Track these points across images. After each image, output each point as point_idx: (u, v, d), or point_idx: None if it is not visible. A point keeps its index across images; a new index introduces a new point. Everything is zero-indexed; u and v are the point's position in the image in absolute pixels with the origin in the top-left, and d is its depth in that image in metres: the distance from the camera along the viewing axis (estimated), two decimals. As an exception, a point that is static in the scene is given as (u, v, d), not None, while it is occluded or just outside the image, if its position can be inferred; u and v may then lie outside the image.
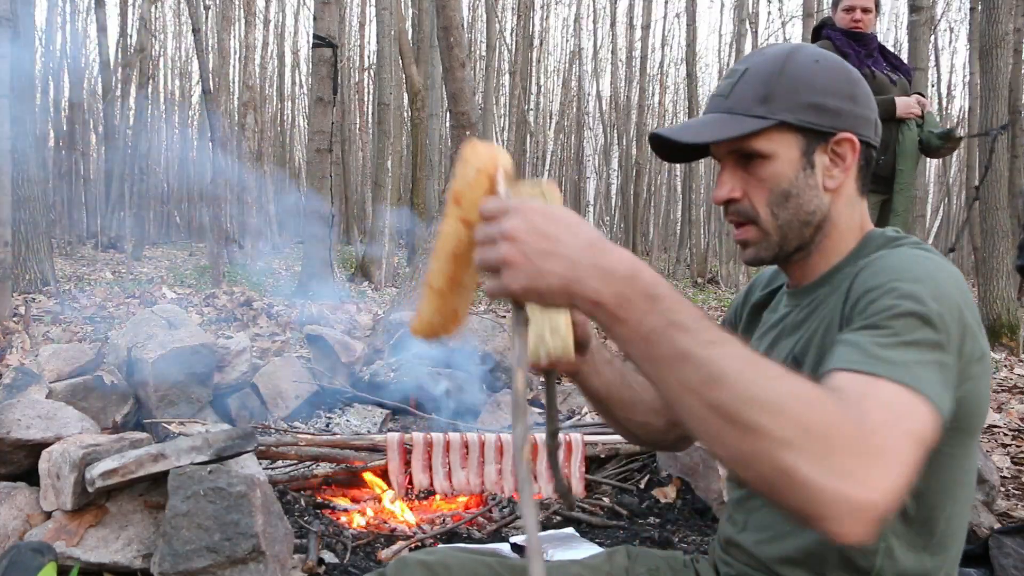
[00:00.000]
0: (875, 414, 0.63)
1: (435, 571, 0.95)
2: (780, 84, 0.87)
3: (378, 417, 3.11)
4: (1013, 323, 6.05)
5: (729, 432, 0.60)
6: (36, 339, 3.78)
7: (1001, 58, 6.03)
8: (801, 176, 0.89)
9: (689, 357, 0.61)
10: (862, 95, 0.90)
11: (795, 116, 0.87)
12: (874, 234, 0.93)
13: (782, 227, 0.90)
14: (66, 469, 1.84)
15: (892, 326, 0.73)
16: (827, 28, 3.28)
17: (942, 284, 0.77)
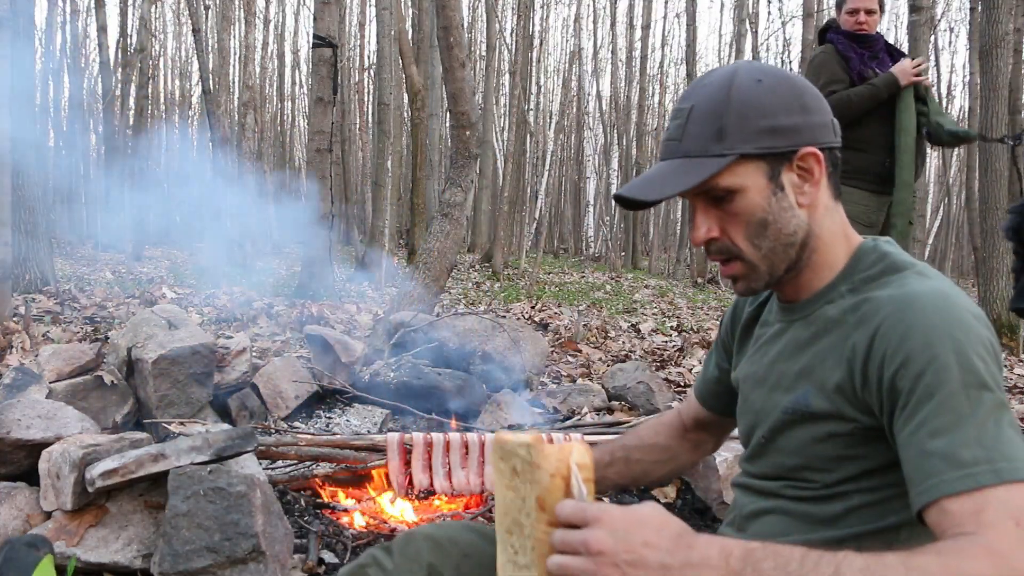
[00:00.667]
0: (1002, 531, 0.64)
1: (442, 545, 0.94)
2: (729, 116, 0.85)
3: (378, 417, 3.11)
4: (1013, 323, 6.05)
5: None
6: (36, 339, 3.78)
7: (1001, 58, 6.03)
8: (773, 201, 0.87)
9: None
10: (812, 101, 0.88)
11: (753, 145, 0.85)
12: (867, 249, 0.91)
13: (766, 256, 0.89)
14: (66, 469, 1.84)
15: (962, 408, 0.73)
16: (831, 31, 3.28)
17: (973, 331, 0.77)
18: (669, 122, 0.92)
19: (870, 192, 3.17)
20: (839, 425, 0.85)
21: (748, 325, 1.06)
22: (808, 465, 0.89)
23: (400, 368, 3.32)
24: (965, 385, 0.74)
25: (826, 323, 0.89)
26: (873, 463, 0.85)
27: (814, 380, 0.88)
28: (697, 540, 0.66)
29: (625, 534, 0.65)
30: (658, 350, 5.32)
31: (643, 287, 12.36)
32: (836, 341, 0.87)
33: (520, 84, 16.63)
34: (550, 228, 22.78)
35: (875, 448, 0.84)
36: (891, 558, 0.62)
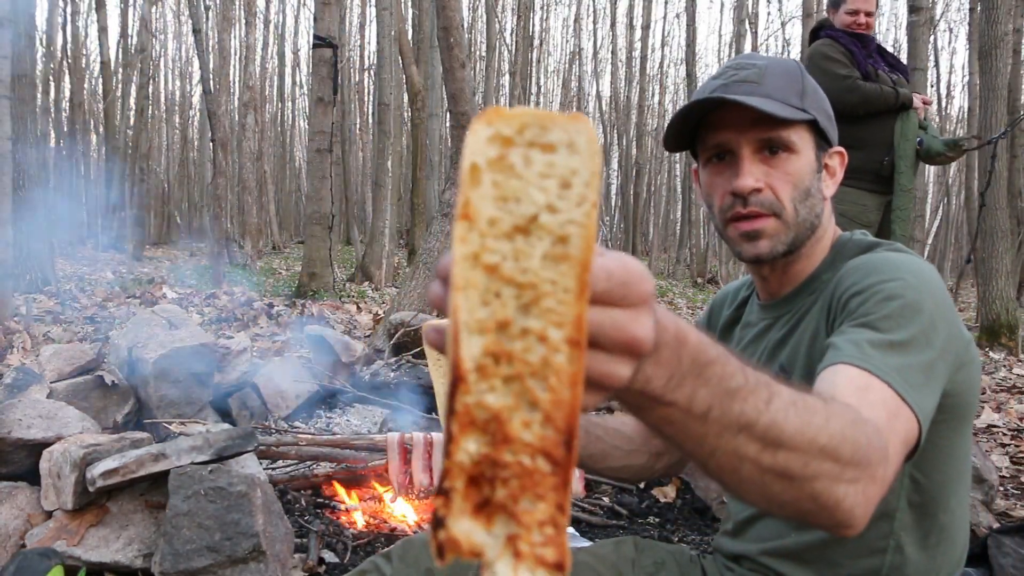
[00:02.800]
0: (875, 411, 0.65)
1: None
2: (808, 86, 0.89)
3: (378, 417, 3.11)
4: (1012, 323, 6.05)
5: (787, 487, 0.55)
6: (37, 339, 3.79)
7: (1000, 59, 6.04)
8: (816, 178, 0.90)
9: (751, 426, 0.52)
10: (833, 114, 0.95)
11: (821, 119, 0.89)
12: (844, 239, 0.94)
13: (800, 223, 0.88)
14: (67, 469, 1.84)
15: (882, 326, 0.74)
16: (827, 29, 3.28)
17: (924, 283, 0.78)
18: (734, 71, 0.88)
19: (867, 191, 3.18)
20: None
21: (727, 327, 1.06)
22: None
23: (400, 368, 3.32)
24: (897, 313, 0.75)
25: (803, 312, 0.91)
26: None
27: (797, 369, 0.89)
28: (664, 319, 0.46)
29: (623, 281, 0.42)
30: (658, 350, 5.31)
31: (643, 287, 12.33)
32: (808, 325, 0.90)
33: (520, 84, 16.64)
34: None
35: None
36: (812, 399, 0.58)
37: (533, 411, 0.34)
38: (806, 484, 0.56)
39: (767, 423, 0.52)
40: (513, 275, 0.35)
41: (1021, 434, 3.32)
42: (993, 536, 1.93)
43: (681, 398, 0.48)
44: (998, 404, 3.84)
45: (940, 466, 0.84)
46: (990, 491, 2.26)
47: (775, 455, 0.53)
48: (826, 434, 0.56)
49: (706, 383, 0.49)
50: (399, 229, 16.38)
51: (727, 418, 0.51)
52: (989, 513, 2.22)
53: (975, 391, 0.85)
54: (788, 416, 0.54)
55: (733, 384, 0.51)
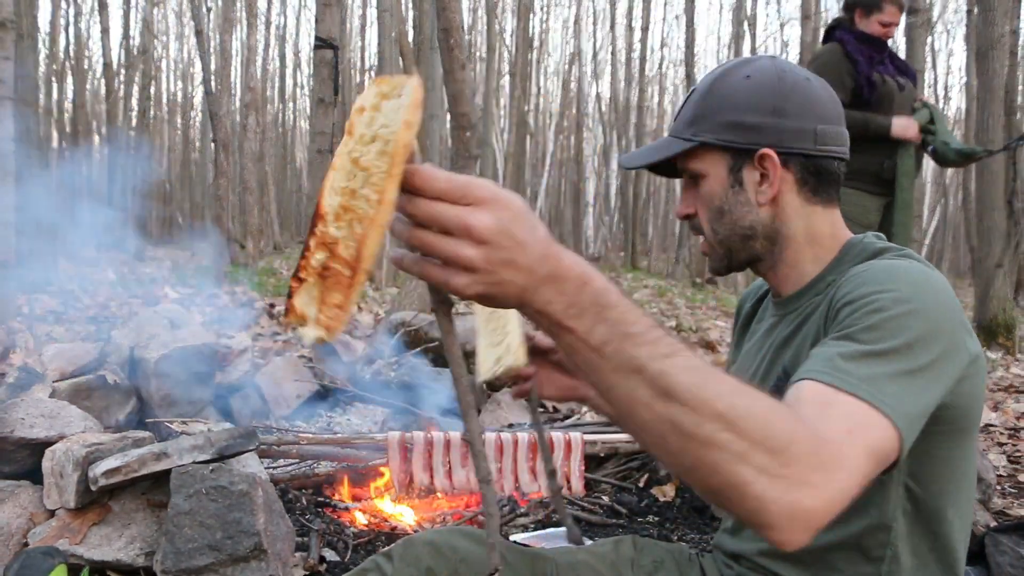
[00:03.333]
0: (832, 424, 0.65)
1: (442, 551, 0.95)
2: (707, 105, 0.91)
3: (379, 416, 3.12)
4: (1009, 323, 6.06)
5: (683, 445, 0.58)
6: (39, 339, 3.80)
7: (997, 60, 6.04)
8: (730, 193, 0.91)
9: (642, 370, 0.58)
10: (793, 108, 0.89)
11: (715, 136, 0.90)
12: (854, 242, 0.93)
13: (723, 242, 0.94)
14: (69, 468, 1.85)
15: (862, 338, 0.73)
16: (841, 30, 3.23)
17: (921, 293, 0.77)
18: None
19: (868, 193, 3.17)
20: None
21: (746, 322, 1.08)
22: None
23: (401, 367, 3.34)
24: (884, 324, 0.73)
25: (812, 313, 0.91)
26: None
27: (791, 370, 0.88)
28: (563, 252, 0.59)
29: (511, 228, 0.55)
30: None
31: (642, 287, 12.37)
32: (810, 328, 0.89)
33: (520, 86, 16.65)
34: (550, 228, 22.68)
35: None
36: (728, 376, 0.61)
37: (351, 240, 0.54)
38: (702, 449, 0.58)
39: (658, 370, 0.58)
40: (363, 164, 0.55)
41: (1018, 433, 3.34)
42: (990, 535, 1.94)
43: (579, 327, 0.58)
44: (995, 403, 3.85)
45: (937, 477, 0.83)
46: (987, 490, 2.27)
47: (667, 405, 0.58)
48: (726, 402, 0.58)
49: (604, 321, 0.58)
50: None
51: (621, 356, 0.58)
52: (986, 512, 2.23)
53: (978, 404, 0.83)
54: (685, 372, 0.58)
55: (631, 329, 0.58)
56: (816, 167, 0.91)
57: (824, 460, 0.60)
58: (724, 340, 5.84)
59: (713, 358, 4.73)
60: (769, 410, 0.60)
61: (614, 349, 0.58)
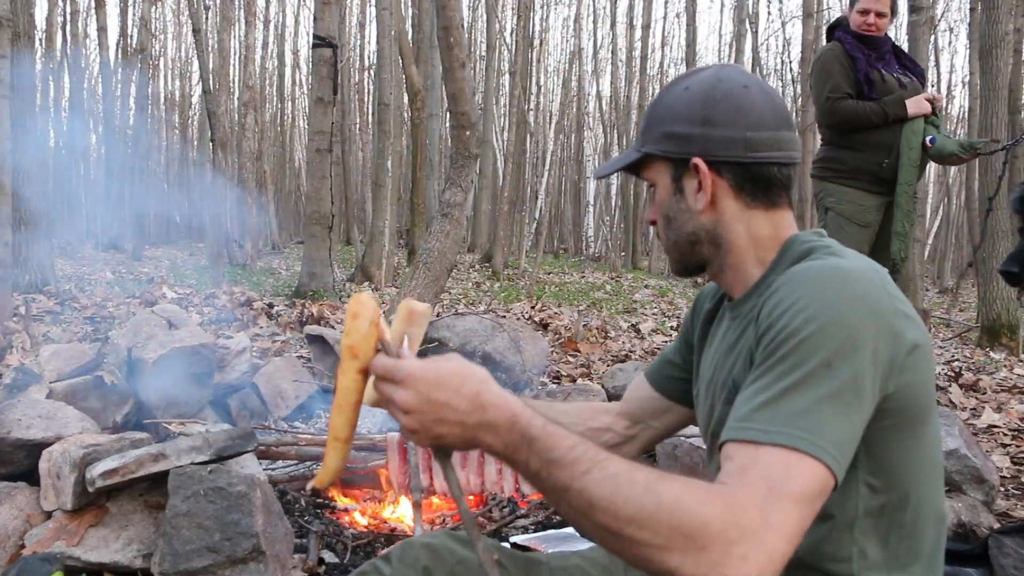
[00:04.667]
0: (751, 489, 0.68)
1: (440, 554, 0.96)
2: (652, 117, 0.96)
3: (378, 417, 3.11)
4: (1013, 323, 6.06)
5: (617, 544, 0.68)
6: (36, 339, 3.78)
7: (1001, 58, 6.04)
8: (673, 201, 0.95)
9: (568, 489, 0.69)
10: (721, 116, 0.90)
11: (656, 147, 0.94)
12: (791, 241, 0.93)
13: (673, 246, 0.98)
14: (66, 469, 1.84)
15: (777, 370, 0.75)
16: (840, 29, 3.23)
17: (835, 300, 0.77)
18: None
19: (866, 192, 3.15)
20: None
21: (706, 321, 1.08)
22: None
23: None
24: (796, 348, 0.75)
25: (748, 320, 0.91)
26: None
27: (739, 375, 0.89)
28: (491, 403, 0.72)
29: (430, 395, 0.72)
30: (658, 350, 5.32)
31: (643, 287, 12.37)
32: (749, 335, 0.89)
33: (520, 84, 16.64)
34: (550, 228, 22.78)
35: None
36: (640, 474, 0.68)
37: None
38: (631, 546, 0.67)
39: (579, 488, 0.68)
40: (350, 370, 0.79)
41: (1022, 434, 3.32)
42: (994, 536, 1.92)
43: (518, 460, 0.71)
44: (999, 404, 3.83)
45: (897, 469, 0.83)
46: (991, 491, 2.26)
47: (592, 516, 0.68)
48: (635, 505, 0.66)
49: (533, 452, 0.70)
50: (399, 229, 16.39)
51: (551, 481, 0.70)
52: (990, 514, 2.22)
53: (926, 390, 0.83)
54: (600, 484, 0.68)
55: (553, 455, 0.70)
56: (751, 174, 0.92)
57: (744, 531, 0.65)
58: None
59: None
60: (678, 499, 0.66)
61: (546, 474, 0.70)
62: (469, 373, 0.74)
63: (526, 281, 11.13)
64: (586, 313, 7.51)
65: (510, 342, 3.62)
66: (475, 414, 0.72)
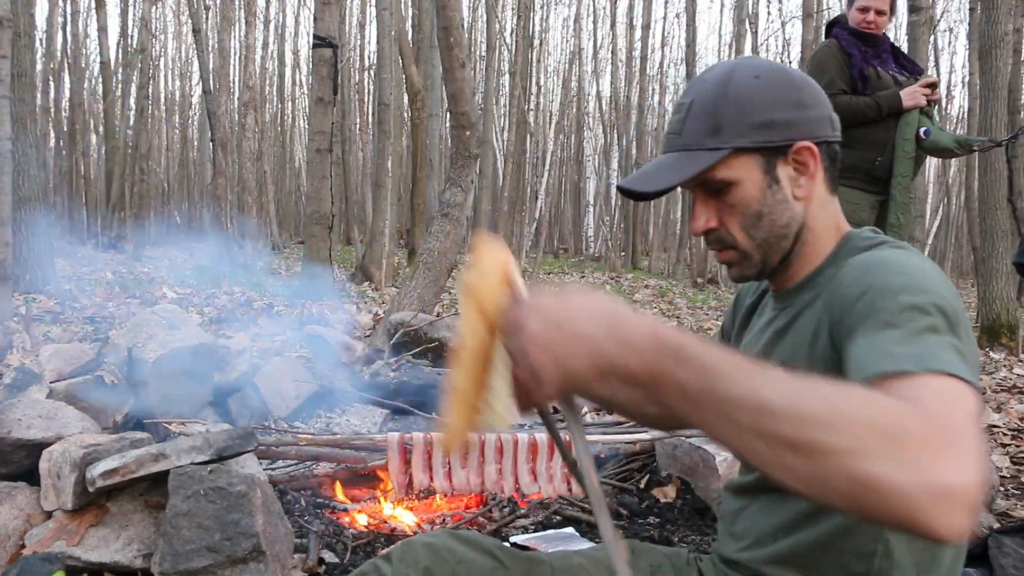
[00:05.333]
0: (934, 405, 0.62)
1: (440, 554, 0.96)
2: (726, 110, 0.88)
3: (378, 417, 3.11)
4: (1012, 323, 6.06)
5: (797, 459, 0.57)
6: (36, 339, 3.79)
7: (1000, 58, 6.04)
8: (768, 194, 0.90)
9: (734, 399, 0.59)
10: (809, 97, 0.90)
11: (747, 139, 0.88)
12: (852, 235, 0.94)
13: (760, 246, 0.92)
14: (67, 469, 1.84)
15: (898, 322, 0.72)
16: (838, 26, 3.25)
17: (928, 277, 0.78)
18: (671, 116, 0.95)
19: (860, 190, 3.16)
20: None
21: (747, 315, 1.08)
22: None
23: (400, 368, 3.32)
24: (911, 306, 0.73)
25: (807, 309, 0.91)
26: None
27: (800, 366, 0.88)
28: (629, 318, 0.64)
29: (559, 319, 0.64)
30: (658, 350, 5.31)
31: (643, 287, 12.37)
32: (808, 321, 0.89)
33: (520, 84, 16.64)
34: (550, 228, 22.77)
35: None
36: (819, 379, 0.60)
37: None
38: (820, 459, 0.56)
39: (749, 394, 0.59)
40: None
41: (1021, 434, 3.32)
42: (993, 536, 1.93)
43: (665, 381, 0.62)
44: (998, 404, 3.84)
45: None
46: (990, 491, 2.26)
47: (770, 428, 0.58)
48: (827, 408, 0.57)
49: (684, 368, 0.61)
50: (399, 229, 16.38)
51: (713, 396, 0.60)
52: (989, 513, 2.22)
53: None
54: (777, 388, 0.59)
55: (710, 367, 0.60)
56: (834, 153, 0.93)
57: (941, 440, 0.57)
58: (724, 340, 5.83)
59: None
60: (870, 402, 0.58)
61: (704, 391, 0.60)
62: (596, 296, 0.66)
63: (526, 281, 11.10)
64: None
65: (510, 342, 3.62)
66: (610, 333, 0.63)
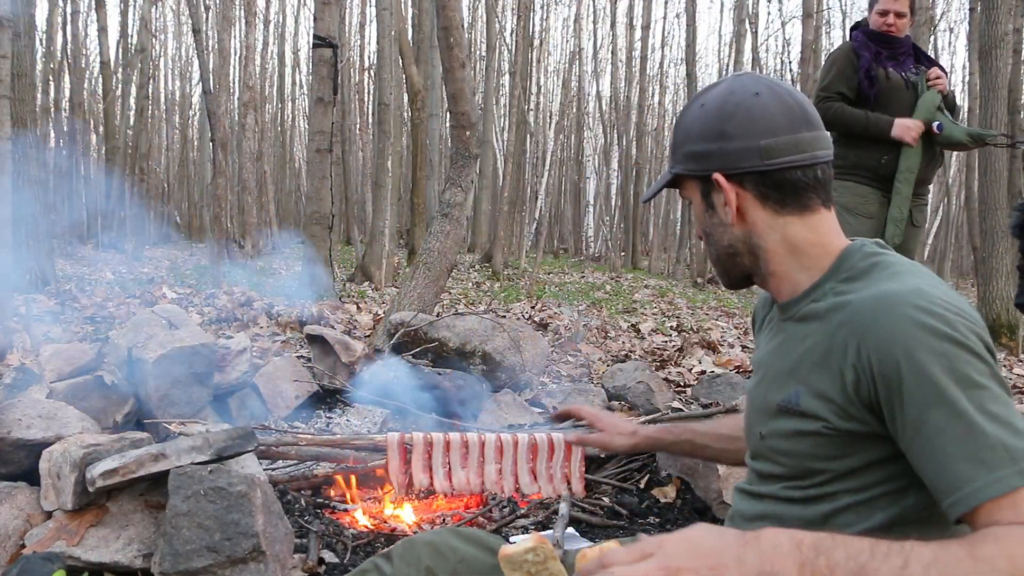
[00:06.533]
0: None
1: (442, 552, 0.96)
2: (676, 137, 0.98)
3: (378, 417, 3.11)
4: (1012, 323, 6.06)
5: None
6: (36, 339, 3.78)
7: (1000, 58, 6.04)
8: (707, 216, 0.97)
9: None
10: (735, 129, 0.91)
11: (683, 167, 0.96)
12: (851, 251, 0.93)
13: (717, 260, 0.99)
14: (67, 469, 1.84)
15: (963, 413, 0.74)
16: (859, 29, 3.26)
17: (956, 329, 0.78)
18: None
19: (867, 186, 3.16)
20: (826, 427, 0.86)
21: (761, 327, 1.10)
22: (798, 465, 0.90)
23: (400, 368, 3.32)
24: (961, 387, 0.75)
25: (811, 321, 0.91)
26: (859, 461, 0.85)
27: (803, 380, 0.89)
28: (761, 533, 0.69)
29: (696, 546, 0.67)
30: (658, 350, 5.32)
31: (643, 287, 12.37)
32: (821, 340, 0.89)
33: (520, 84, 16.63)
34: (550, 228, 22.77)
35: (862, 447, 0.85)
36: (956, 548, 0.66)
37: None
38: None
39: None
40: None
41: (1021, 434, 3.32)
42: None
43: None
44: (998, 404, 3.83)
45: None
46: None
47: None
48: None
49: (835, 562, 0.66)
50: (399, 229, 16.37)
51: None
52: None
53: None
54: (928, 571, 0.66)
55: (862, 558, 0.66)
56: (772, 181, 0.92)
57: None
58: (725, 340, 5.83)
59: (715, 358, 4.72)
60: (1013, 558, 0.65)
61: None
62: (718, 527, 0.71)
63: (526, 281, 11.12)
64: (586, 313, 7.51)
65: (510, 342, 3.62)
66: (751, 548, 0.67)
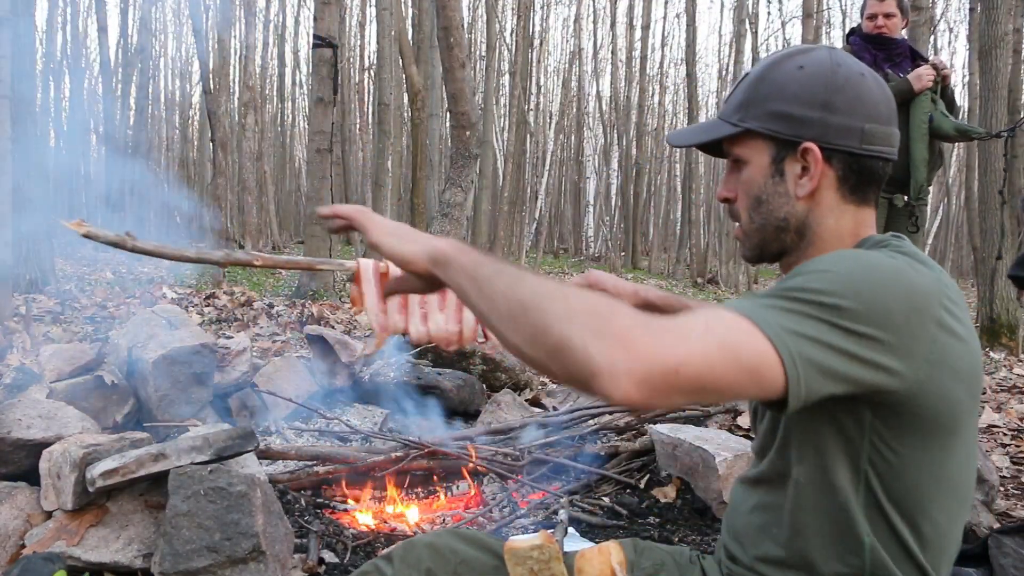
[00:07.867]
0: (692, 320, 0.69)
1: (442, 553, 0.96)
2: (757, 92, 0.90)
3: (378, 417, 3.11)
4: (1012, 323, 6.06)
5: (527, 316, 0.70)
6: (37, 339, 3.79)
7: (1000, 58, 6.04)
8: (770, 183, 0.91)
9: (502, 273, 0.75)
10: (842, 102, 0.87)
11: (761, 124, 0.89)
12: (870, 241, 0.92)
13: (758, 230, 0.93)
14: (67, 469, 1.84)
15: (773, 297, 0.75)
16: (855, 34, 3.37)
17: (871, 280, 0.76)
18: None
19: None
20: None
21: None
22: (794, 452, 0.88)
23: (400, 368, 3.32)
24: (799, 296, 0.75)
25: None
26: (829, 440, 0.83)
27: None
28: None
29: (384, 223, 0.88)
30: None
31: (643, 287, 12.33)
32: None
33: (520, 84, 16.64)
34: (550, 228, 22.77)
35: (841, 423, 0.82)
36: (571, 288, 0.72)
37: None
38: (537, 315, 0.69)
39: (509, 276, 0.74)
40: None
41: (1021, 434, 3.32)
42: (993, 536, 1.92)
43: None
44: (999, 404, 3.84)
45: (914, 474, 0.81)
46: (990, 491, 2.26)
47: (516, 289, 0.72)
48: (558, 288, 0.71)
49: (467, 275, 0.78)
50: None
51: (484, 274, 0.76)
52: (990, 513, 2.22)
53: (957, 407, 0.80)
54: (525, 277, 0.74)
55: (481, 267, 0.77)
56: (859, 166, 0.89)
57: (655, 330, 0.66)
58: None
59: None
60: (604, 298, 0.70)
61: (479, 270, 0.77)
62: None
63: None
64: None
65: (510, 342, 3.62)
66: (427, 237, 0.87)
